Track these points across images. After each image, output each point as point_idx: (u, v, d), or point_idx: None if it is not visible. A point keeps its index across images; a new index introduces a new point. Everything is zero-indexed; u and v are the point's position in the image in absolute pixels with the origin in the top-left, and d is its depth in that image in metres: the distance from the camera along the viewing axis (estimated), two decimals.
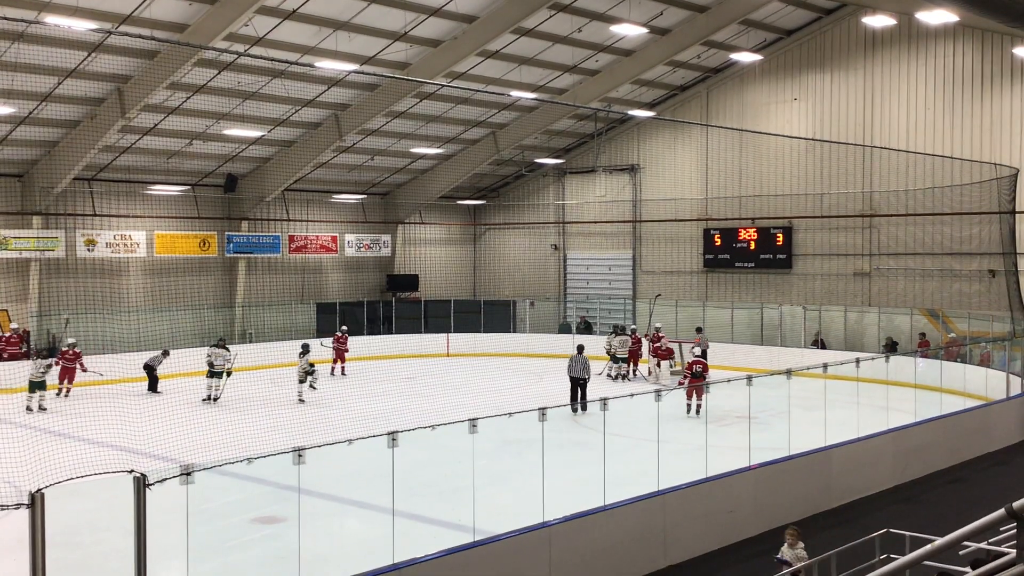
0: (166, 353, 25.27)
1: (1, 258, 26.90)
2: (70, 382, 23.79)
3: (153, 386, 24.89)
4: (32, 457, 14.27)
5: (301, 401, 23.45)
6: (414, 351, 32.20)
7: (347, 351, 28.84)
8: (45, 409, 22.08)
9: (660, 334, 27.95)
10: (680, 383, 25.38)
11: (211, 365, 23.65)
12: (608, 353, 27.85)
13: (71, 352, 23.85)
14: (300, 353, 24.17)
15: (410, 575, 9.78)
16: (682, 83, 33.56)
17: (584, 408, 21.00)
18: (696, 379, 22.39)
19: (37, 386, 22.19)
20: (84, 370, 23.74)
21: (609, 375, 27.57)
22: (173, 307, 30.14)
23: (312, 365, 24.07)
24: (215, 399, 23.43)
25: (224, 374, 23.67)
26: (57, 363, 23.51)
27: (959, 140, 28.26)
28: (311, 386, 23.77)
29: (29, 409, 21.90)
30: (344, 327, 29.83)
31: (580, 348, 23.57)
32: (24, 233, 27.24)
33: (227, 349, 24.18)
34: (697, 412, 21.01)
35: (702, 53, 30.87)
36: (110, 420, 18.35)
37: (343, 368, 28.73)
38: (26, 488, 8.59)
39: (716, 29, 28.44)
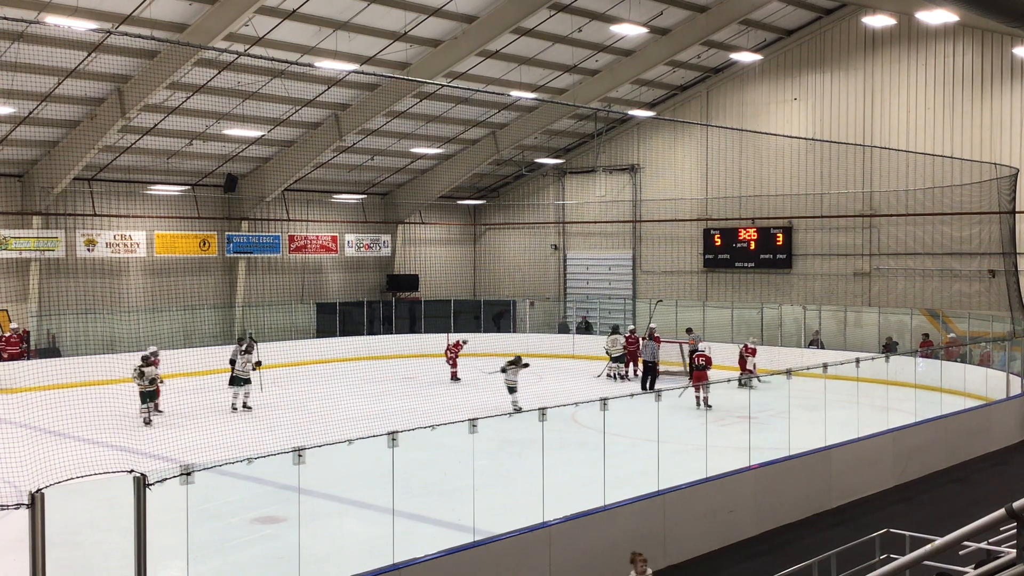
0: (241, 340, 23.62)
1: (1, 258, 26.88)
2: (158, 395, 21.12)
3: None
4: (32, 457, 14.27)
5: (518, 410, 19.96)
6: (413, 351, 32.17)
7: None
8: (150, 423, 20.35)
9: (656, 334, 28.03)
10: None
11: (239, 372, 22.28)
12: (607, 353, 27.92)
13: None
14: (508, 364, 22.05)
15: (410, 575, 9.78)
16: (682, 83, 33.56)
17: (652, 388, 22.89)
18: (699, 372, 22.55)
19: (148, 396, 20.59)
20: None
21: (608, 375, 27.62)
22: (173, 307, 30.13)
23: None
24: (249, 407, 22.22)
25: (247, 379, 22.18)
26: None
27: (959, 140, 28.25)
28: (517, 407, 20.56)
29: (146, 423, 20.36)
30: (465, 339, 28.41)
31: (651, 333, 26.23)
32: (24, 233, 27.23)
33: (248, 352, 22.51)
34: (706, 404, 21.18)
35: (702, 53, 30.87)
36: (111, 420, 18.37)
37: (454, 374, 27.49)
38: (26, 488, 8.58)
39: (716, 29, 28.44)
